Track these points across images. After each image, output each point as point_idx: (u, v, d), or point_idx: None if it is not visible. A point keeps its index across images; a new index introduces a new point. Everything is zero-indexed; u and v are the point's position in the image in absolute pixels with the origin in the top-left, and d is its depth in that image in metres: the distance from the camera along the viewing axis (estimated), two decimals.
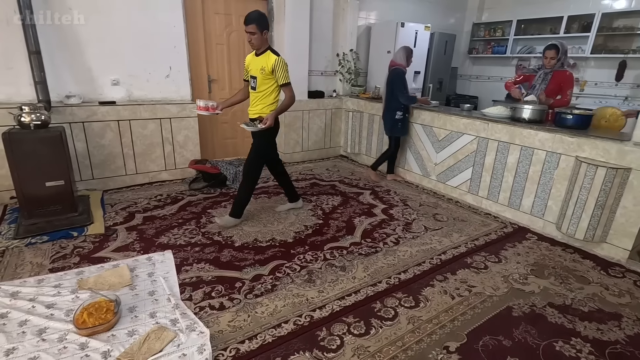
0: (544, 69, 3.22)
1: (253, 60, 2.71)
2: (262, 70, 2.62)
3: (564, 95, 3.15)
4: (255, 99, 2.75)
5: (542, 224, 2.98)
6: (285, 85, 2.68)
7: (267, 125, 2.61)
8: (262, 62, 2.63)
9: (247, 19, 2.54)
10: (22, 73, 3.02)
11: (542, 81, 3.24)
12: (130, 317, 1.82)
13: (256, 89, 2.70)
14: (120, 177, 3.59)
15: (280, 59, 2.60)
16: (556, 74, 3.15)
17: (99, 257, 2.36)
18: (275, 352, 1.65)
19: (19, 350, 1.59)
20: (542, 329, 1.86)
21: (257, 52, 2.68)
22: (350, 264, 2.40)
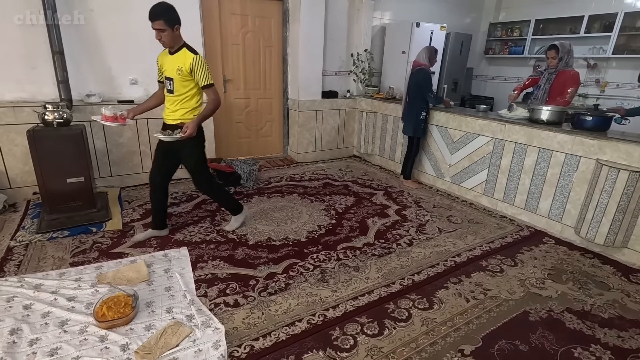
0: (548, 69, 3.29)
1: (167, 59, 2.32)
2: (179, 71, 2.25)
3: (564, 94, 3.12)
4: (174, 104, 2.36)
5: (560, 227, 2.92)
6: (207, 87, 2.31)
7: (188, 133, 2.23)
8: (178, 62, 2.26)
9: (152, 13, 2.13)
10: (45, 72, 3.11)
11: (546, 81, 3.28)
12: (148, 311, 1.86)
13: (174, 92, 2.32)
14: (137, 175, 3.66)
15: (199, 57, 2.27)
16: (560, 74, 3.19)
17: (117, 253, 2.42)
18: (289, 350, 1.66)
19: (42, 340, 1.64)
20: (560, 335, 1.82)
21: (171, 50, 2.32)
22: (363, 264, 2.40)
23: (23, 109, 2.99)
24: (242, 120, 4.53)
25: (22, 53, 3.02)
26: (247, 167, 3.76)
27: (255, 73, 4.44)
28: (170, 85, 2.33)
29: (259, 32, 4.31)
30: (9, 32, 2.94)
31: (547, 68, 3.31)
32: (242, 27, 4.18)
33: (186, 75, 2.27)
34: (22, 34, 2.98)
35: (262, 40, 4.35)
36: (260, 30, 4.31)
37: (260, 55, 4.40)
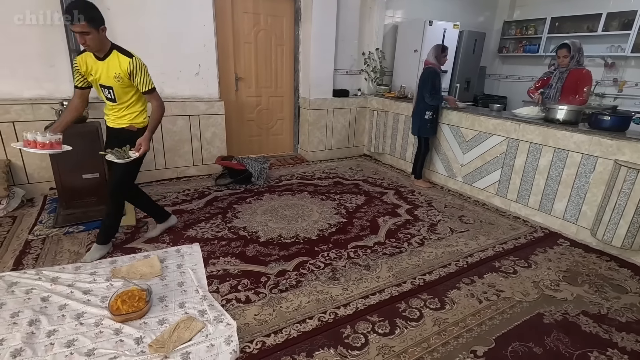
0: (560, 69, 3.24)
1: (98, 66, 2.06)
2: (117, 79, 2.06)
3: (580, 93, 3.06)
4: (120, 110, 2.21)
5: (576, 229, 2.86)
6: (149, 92, 2.12)
7: (143, 151, 2.08)
8: (114, 68, 2.05)
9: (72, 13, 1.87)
10: (62, 70, 3.17)
11: (558, 80, 3.24)
12: (161, 306, 1.89)
13: (116, 100, 2.15)
14: (150, 172, 3.71)
15: (136, 60, 2.04)
16: (572, 72, 3.15)
17: (131, 248, 2.46)
18: (300, 347, 1.66)
19: (59, 332, 1.68)
20: (575, 338, 1.79)
21: (99, 55, 2.04)
22: (374, 263, 2.39)
23: (41, 106, 3.05)
24: (254, 119, 4.56)
25: (40, 52, 3.08)
26: (258, 165, 3.78)
27: (266, 71, 4.45)
28: (110, 94, 2.13)
29: (271, 30, 4.32)
30: (28, 32, 3.01)
31: (558, 67, 3.29)
32: (254, 25, 4.20)
33: (127, 82, 2.09)
34: (41, 33, 3.04)
35: (274, 38, 4.36)
36: (272, 29, 4.32)
37: (272, 53, 4.42)
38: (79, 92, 2.18)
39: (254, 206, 3.21)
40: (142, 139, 2.11)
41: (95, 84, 2.14)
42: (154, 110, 2.18)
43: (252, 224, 2.87)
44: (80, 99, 2.19)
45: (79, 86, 2.16)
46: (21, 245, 2.41)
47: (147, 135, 2.13)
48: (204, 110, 3.82)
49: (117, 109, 2.21)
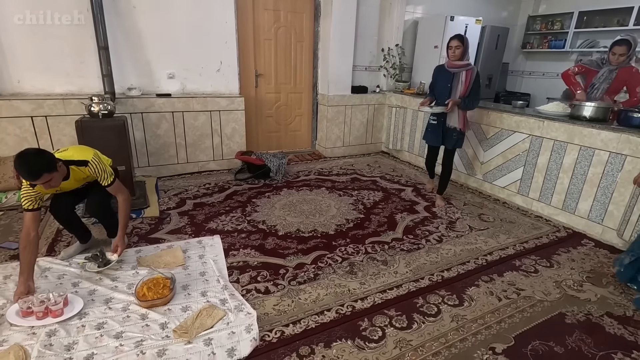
0: (609, 66, 2.94)
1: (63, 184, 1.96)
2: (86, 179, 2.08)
3: (633, 93, 2.88)
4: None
5: (601, 230, 2.78)
6: (110, 185, 2.07)
7: (121, 251, 2.14)
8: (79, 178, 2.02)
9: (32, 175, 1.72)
10: (91, 67, 3.30)
11: (604, 80, 2.97)
12: (184, 294, 1.95)
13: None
14: (172, 165, 3.82)
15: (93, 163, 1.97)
16: (621, 72, 2.87)
17: (155, 238, 2.54)
18: (318, 337, 1.69)
19: (89, 315, 1.77)
20: (598, 339, 1.75)
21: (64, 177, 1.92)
22: (392, 258, 2.40)
23: (71, 101, 3.19)
24: (272, 115, 4.61)
25: (72, 49, 3.22)
26: (277, 160, 3.83)
27: (286, 68, 4.49)
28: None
29: (290, 27, 4.35)
30: (61, 29, 3.14)
31: (607, 63, 2.96)
32: (274, 22, 4.24)
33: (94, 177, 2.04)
34: (73, 31, 3.17)
35: (293, 35, 4.39)
36: (292, 25, 4.35)
37: (292, 50, 4.45)
38: (33, 215, 1.87)
39: (272, 200, 3.26)
40: (117, 240, 2.15)
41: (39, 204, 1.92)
42: (120, 205, 2.14)
43: (270, 217, 2.92)
44: (35, 224, 1.89)
45: (33, 208, 1.87)
46: (53, 234, 2.53)
47: (121, 235, 2.15)
48: (224, 106, 3.89)
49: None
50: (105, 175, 2.04)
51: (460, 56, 2.88)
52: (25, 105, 3.05)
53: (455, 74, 2.95)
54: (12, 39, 3.02)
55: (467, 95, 2.93)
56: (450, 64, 2.95)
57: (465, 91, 2.92)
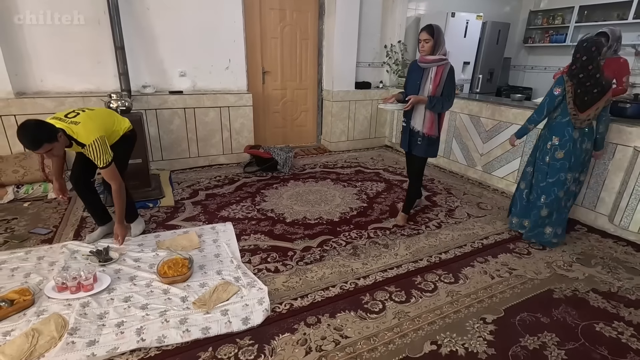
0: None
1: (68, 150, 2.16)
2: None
3: (620, 82, 3.01)
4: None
5: (594, 216, 2.91)
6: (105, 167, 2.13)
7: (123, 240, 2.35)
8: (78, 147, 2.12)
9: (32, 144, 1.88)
10: (108, 66, 3.49)
11: None
12: (201, 273, 2.13)
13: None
14: (184, 159, 4.01)
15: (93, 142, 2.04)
16: (609, 62, 2.99)
17: (172, 225, 2.73)
18: (324, 309, 1.86)
19: (116, 290, 1.96)
20: (583, 312, 1.90)
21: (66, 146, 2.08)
22: (392, 242, 2.56)
23: (90, 99, 3.38)
24: (279, 111, 4.77)
25: (89, 49, 3.41)
26: (284, 154, 4.00)
27: (291, 65, 4.65)
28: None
29: (296, 25, 4.51)
30: (79, 31, 3.33)
31: None
32: (280, 21, 4.40)
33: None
34: (90, 32, 3.36)
35: (298, 33, 4.55)
36: (297, 24, 4.51)
37: (297, 47, 4.61)
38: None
39: (280, 191, 3.44)
40: (116, 229, 2.36)
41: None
42: (113, 192, 2.26)
43: (278, 206, 3.09)
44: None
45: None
46: (78, 221, 2.74)
47: (118, 221, 2.35)
48: (233, 102, 4.07)
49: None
50: (102, 159, 2.08)
51: (430, 50, 2.48)
52: (48, 102, 3.25)
53: (425, 69, 2.55)
54: (35, 41, 3.22)
55: (438, 95, 2.52)
56: (422, 59, 2.54)
57: (434, 90, 2.51)
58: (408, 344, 1.65)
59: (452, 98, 2.56)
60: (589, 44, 2.24)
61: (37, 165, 3.12)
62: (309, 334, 1.69)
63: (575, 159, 2.40)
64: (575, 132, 2.37)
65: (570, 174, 2.44)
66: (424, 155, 2.69)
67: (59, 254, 2.28)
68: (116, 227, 2.38)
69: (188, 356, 1.56)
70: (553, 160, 2.44)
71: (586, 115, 2.31)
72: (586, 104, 2.28)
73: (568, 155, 2.39)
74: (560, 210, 2.51)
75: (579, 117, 2.32)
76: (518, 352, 1.63)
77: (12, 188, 3.05)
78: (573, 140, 2.37)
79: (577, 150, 2.39)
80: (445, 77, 2.50)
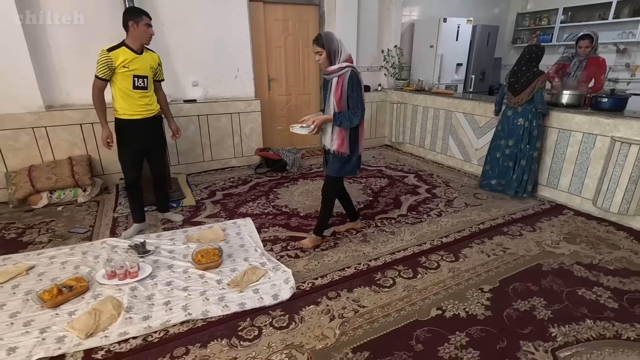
0: (578, 57, 3.42)
1: (137, 59, 2.44)
2: (152, 69, 2.55)
3: (598, 80, 3.32)
4: (150, 98, 2.60)
5: (580, 201, 3.19)
6: (162, 81, 2.74)
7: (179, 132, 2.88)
8: (150, 61, 2.53)
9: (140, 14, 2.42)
10: None
11: (577, 68, 3.44)
12: (230, 260, 2.40)
13: (148, 88, 2.55)
14: (199, 163, 4.28)
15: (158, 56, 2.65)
16: (590, 61, 3.34)
17: (196, 222, 3.00)
18: (342, 285, 2.13)
19: (157, 277, 2.22)
20: (567, 281, 2.17)
21: (139, 50, 2.46)
22: (398, 230, 2.83)
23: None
24: (284, 115, 5.05)
25: None
26: (292, 155, 4.28)
27: (295, 72, 4.94)
28: (144, 82, 2.51)
29: (298, 35, 4.81)
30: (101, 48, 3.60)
31: (577, 56, 3.44)
32: (283, 31, 4.69)
33: (154, 72, 2.60)
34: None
35: (301, 42, 4.84)
36: (300, 33, 4.81)
37: (300, 55, 4.90)
38: (102, 84, 2.42)
39: (291, 189, 3.71)
40: (174, 126, 2.85)
41: (127, 76, 2.43)
42: (163, 99, 2.78)
43: (291, 202, 3.36)
44: (101, 91, 2.46)
45: (105, 78, 2.40)
46: (111, 221, 3.00)
47: (171, 120, 2.83)
48: (242, 109, 4.35)
49: (147, 96, 2.57)
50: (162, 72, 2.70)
51: (326, 61, 2.24)
52: (75, 114, 3.52)
53: (329, 82, 2.31)
54: (61, 59, 3.50)
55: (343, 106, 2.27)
56: (325, 71, 2.32)
57: (337, 102, 2.26)
58: (417, 310, 1.93)
59: (357, 110, 2.25)
60: (525, 49, 3.22)
61: (67, 172, 3.38)
62: (331, 305, 1.96)
63: (508, 130, 3.31)
64: (509, 110, 3.32)
65: (504, 141, 3.36)
66: (335, 174, 2.44)
67: (100, 249, 2.55)
68: (170, 124, 2.86)
69: (230, 326, 1.82)
70: (496, 130, 3.48)
71: (518, 99, 3.19)
72: (516, 90, 3.19)
73: (503, 127, 3.37)
74: (500, 167, 3.45)
75: (512, 100, 3.25)
76: (511, 313, 1.90)
77: (46, 194, 3.31)
78: (507, 117, 3.34)
79: (509, 124, 3.31)
80: (346, 87, 2.22)
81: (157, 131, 2.74)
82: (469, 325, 1.81)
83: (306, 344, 1.70)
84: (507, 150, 3.35)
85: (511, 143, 3.31)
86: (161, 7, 3.78)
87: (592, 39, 3.28)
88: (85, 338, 1.71)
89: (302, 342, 1.71)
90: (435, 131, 4.66)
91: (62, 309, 1.92)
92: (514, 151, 3.32)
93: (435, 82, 5.33)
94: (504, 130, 3.35)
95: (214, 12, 4.03)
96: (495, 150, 3.46)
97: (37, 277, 2.22)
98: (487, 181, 3.59)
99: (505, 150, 3.37)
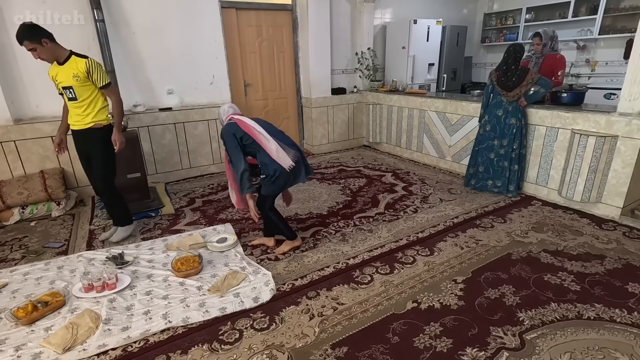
0: (536, 54, 3.64)
1: (59, 70, 2.40)
2: (75, 78, 2.38)
3: (555, 76, 3.50)
4: (81, 109, 2.48)
5: (547, 191, 3.35)
6: (105, 87, 2.48)
7: (120, 145, 2.55)
8: (72, 69, 2.38)
9: (17, 38, 2.25)
10: None
11: (534, 64, 3.63)
12: (210, 266, 2.41)
13: (77, 99, 2.44)
14: (177, 171, 4.25)
15: (90, 60, 2.41)
16: (547, 58, 3.53)
17: (176, 230, 2.99)
18: (321, 285, 2.18)
19: (137, 287, 2.21)
20: (535, 267, 2.29)
21: (59, 61, 2.40)
22: (376, 227, 2.90)
23: None
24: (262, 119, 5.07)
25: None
26: None
27: (271, 76, 4.98)
28: (71, 93, 2.43)
29: (272, 40, 4.85)
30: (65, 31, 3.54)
31: (535, 53, 3.68)
32: (257, 36, 4.72)
33: (84, 80, 2.40)
34: (75, 32, 3.51)
35: (275, 46, 4.89)
36: (274, 38, 4.85)
37: (275, 60, 4.94)
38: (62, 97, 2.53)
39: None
40: (114, 135, 2.54)
41: (59, 89, 2.47)
42: (114, 105, 2.54)
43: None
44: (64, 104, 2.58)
45: (60, 93, 2.50)
46: (87, 234, 2.95)
47: (117, 131, 2.54)
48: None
49: (79, 108, 2.48)
50: (101, 77, 2.44)
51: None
52: (45, 126, 3.45)
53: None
54: (29, 70, 3.42)
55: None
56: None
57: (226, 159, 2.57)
58: (394, 304, 1.99)
59: (235, 166, 2.43)
60: (509, 47, 3.25)
61: (40, 186, 3.31)
62: (310, 305, 2.01)
63: (500, 130, 3.31)
64: (499, 110, 3.31)
65: (497, 141, 3.35)
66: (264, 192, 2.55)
67: (76, 262, 2.51)
68: (114, 134, 2.54)
69: (211, 330, 1.84)
70: (484, 131, 3.45)
71: (513, 94, 3.21)
72: (509, 87, 3.23)
73: (493, 127, 3.34)
74: (494, 167, 3.44)
75: (507, 95, 3.25)
76: (482, 301, 1.99)
77: (18, 209, 3.23)
78: (497, 117, 3.32)
79: (501, 124, 3.31)
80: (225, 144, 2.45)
81: (93, 144, 2.57)
82: (443, 316, 1.89)
83: (286, 344, 1.74)
84: (502, 150, 3.35)
85: (505, 143, 3.32)
86: (131, 15, 3.75)
87: (542, 37, 3.48)
88: (62, 352, 1.70)
89: (283, 341, 1.75)
90: (410, 130, 4.79)
91: (38, 325, 1.90)
92: (508, 151, 3.33)
93: (409, 82, 5.48)
94: (495, 130, 3.34)
95: (186, 19, 4.02)
96: (488, 151, 3.42)
97: (10, 294, 2.18)
98: (482, 182, 3.53)
99: (500, 150, 3.36)
